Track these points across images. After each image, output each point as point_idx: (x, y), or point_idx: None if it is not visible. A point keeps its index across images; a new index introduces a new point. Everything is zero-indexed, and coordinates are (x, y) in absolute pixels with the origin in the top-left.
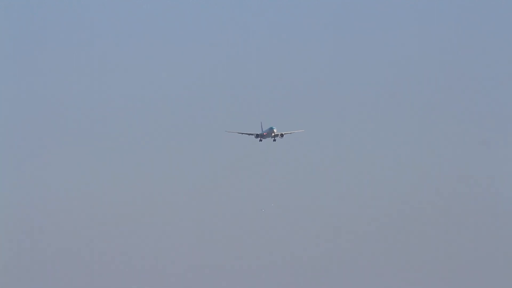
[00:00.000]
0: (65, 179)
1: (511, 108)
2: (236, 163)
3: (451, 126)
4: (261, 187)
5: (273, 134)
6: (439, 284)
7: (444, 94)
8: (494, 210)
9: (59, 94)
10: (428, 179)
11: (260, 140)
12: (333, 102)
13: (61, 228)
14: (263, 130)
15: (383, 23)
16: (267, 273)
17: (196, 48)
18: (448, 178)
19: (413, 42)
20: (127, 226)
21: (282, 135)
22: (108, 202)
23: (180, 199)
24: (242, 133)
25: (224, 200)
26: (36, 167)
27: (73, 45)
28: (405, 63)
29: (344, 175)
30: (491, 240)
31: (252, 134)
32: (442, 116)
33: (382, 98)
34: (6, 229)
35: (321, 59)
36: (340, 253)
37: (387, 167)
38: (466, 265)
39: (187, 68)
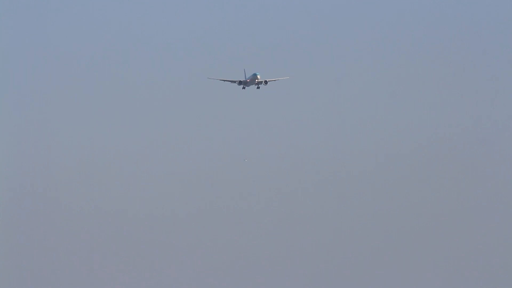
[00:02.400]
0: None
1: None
2: (218, 111)
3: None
4: (244, 136)
5: (256, 81)
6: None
7: (437, 49)
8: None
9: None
10: (419, 129)
11: (243, 88)
12: (319, 48)
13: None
14: (247, 77)
15: None
16: (248, 225)
17: None
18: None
19: None
20: (101, 176)
21: (266, 82)
22: (86, 151)
23: (160, 148)
24: (225, 80)
25: (205, 150)
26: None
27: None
28: (394, 13)
29: (330, 124)
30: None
31: (235, 81)
32: (429, 67)
33: (369, 44)
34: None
35: (306, 5)
36: (323, 202)
37: (375, 115)
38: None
39: (170, 14)
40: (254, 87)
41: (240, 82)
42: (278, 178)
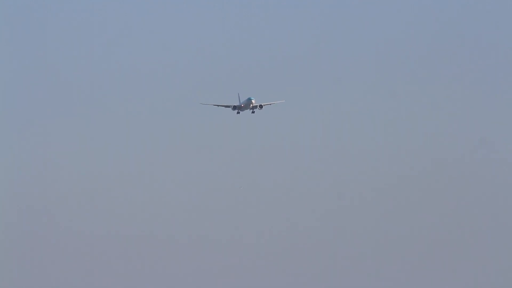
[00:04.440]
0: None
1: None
2: (212, 138)
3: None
4: (239, 163)
5: (251, 105)
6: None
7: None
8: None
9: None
10: (416, 151)
11: (238, 113)
12: (315, 70)
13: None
14: (241, 101)
15: None
16: (244, 252)
17: (172, 18)
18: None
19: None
20: (93, 204)
21: (261, 106)
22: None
23: (153, 176)
24: (218, 105)
25: (199, 178)
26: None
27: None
28: (392, 32)
29: (328, 148)
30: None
31: (228, 106)
32: (424, 80)
33: (366, 65)
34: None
35: (301, 26)
36: (322, 230)
37: (373, 139)
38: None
39: (161, 38)
40: (248, 111)
41: (234, 107)
42: (275, 205)
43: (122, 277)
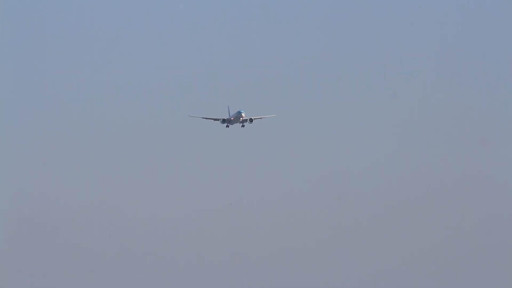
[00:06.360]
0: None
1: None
2: (200, 151)
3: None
4: (228, 178)
5: (241, 119)
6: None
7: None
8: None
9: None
10: (409, 164)
11: (227, 126)
12: (307, 84)
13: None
14: (230, 114)
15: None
16: (235, 271)
17: (162, 30)
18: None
19: (404, 25)
20: (83, 219)
21: (251, 120)
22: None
23: (139, 190)
24: (207, 118)
25: (186, 194)
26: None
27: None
28: (388, 46)
29: (319, 164)
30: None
31: (218, 119)
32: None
33: (360, 81)
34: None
35: (293, 39)
36: (313, 246)
37: (366, 155)
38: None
39: (150, 50)
40: (238, 125)
41: (223, 120)
42: (265, 222)
43: None
